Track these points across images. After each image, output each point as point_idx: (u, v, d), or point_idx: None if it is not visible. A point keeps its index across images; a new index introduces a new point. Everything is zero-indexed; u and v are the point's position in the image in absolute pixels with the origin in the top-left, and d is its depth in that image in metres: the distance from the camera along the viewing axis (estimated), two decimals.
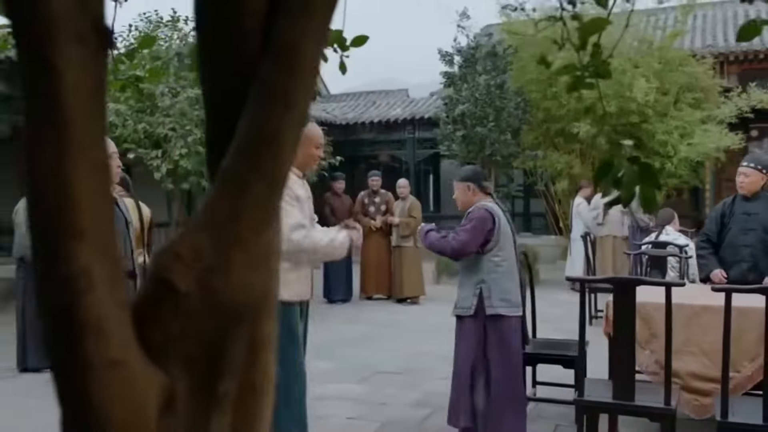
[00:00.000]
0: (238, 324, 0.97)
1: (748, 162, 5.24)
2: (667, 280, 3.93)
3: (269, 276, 1.02)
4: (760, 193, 5.17)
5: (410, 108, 18.30)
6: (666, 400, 3.68)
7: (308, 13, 1.00)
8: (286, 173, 1.04)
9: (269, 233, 0.99)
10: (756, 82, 12.85)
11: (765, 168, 5.21)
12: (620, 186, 1.99)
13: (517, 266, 4.44)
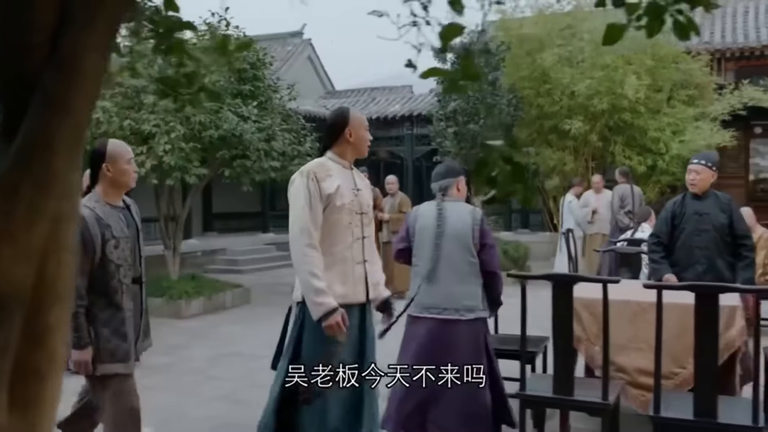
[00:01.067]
0: (3, 312, 1.05)
1: (699, 159, 5.24)
2: (605, 277, 3.98)
3: (47, 268, 1.10)
4: (710, 192, 5.19)
5: (409, 104, 18.39)
6: (604, 395, 3.75)
7: (92, 27, 1.08)
8: (66, 176, 1.13)
9: (43, 229, 1.08)
10: (750, 79, 12.82)
11: (714, 165, 5.24)
12: (495, 184, 2.07)
13: (442, 267, 4.22)
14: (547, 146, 13.12)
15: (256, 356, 7.02)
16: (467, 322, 4.17)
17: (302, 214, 3.31)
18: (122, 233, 3.41)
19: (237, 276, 13.28)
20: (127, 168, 3.47)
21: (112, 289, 3.34)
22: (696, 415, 3.48)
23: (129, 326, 3.43)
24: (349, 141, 3.47)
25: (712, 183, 5.23)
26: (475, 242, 4.23)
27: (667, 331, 4.14)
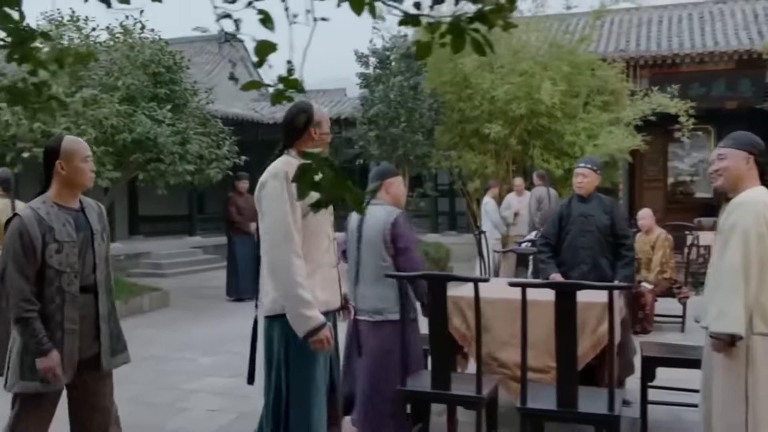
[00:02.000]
0: None
1: (585, 163, 5.51)
2: (479, 276, 4.17)
3: None
4: (594, 194, 5.47)
5: (337, 108, 18.52)
6: (477, 389, 3.93)
7: None
8: None
9: None
10: (659, 86, 13.31)
11: (598, 168, 5.54)
12: (320, 189, 2.21)
13: (362, 270, 4.45)
14: (469, 150, 13.36)
15: (168, 359, 7.07)
16: (374, 324, 4.37)
17: (284, 219, 3.05)
18: (67, 237, 3.14)
19: (160, 279, 13.20)
20: (82, 166, 3.23)
21: (47, 297, 3.08)
22: (559, 406, 3.68)
23: (66, 340, 3.13)
24: (313, 138, 3.26)
25: (597, 186, 5.52)
26: (388, 246, 4.38)
27: (543, 328, 4.37)
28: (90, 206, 3.36)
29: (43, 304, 3.08)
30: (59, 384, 3.13)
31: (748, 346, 3.26)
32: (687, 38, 16.13)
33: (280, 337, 3.17)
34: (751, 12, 17.12)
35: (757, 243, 3.23)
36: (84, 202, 3.34)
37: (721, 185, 3.54)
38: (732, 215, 3.35)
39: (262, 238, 3.16)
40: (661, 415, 4.98)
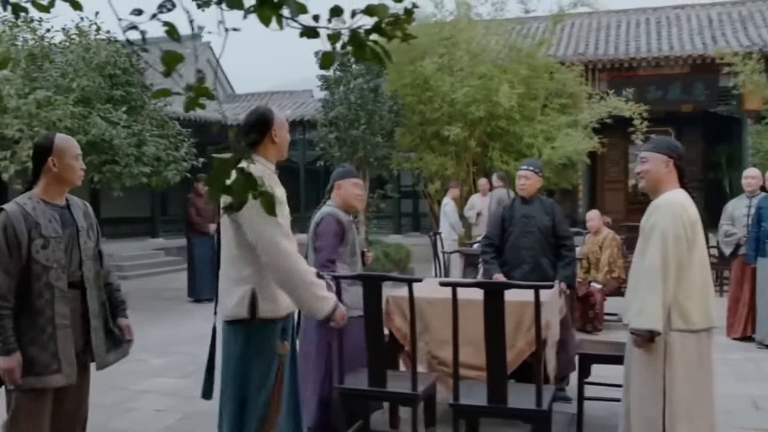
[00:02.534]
0: None
1: (527, 166, 5.66)
2: (411, 276, 4.28)
3: None
4: (536, 196, 5.61)
5: (301, 110, 18.58)
6: (413, 387, 4.03)
7: None
8: None
9: None
10: (615, 90, 13.55)
11: (540, 171, 5.69)
12: (232, 193, 2.29)
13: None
14: (430, 151, 13.50)
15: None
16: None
17: (276, 222, 3.01)
18: (53, 233, 3.14)
19: (122, 281, 13.01)
20: (74, 164, 3.25)
21: (36, 293, 3.07)
22: (489, 402, 3.80)
23: (59, 335, 3.13)
24: (274, 142, 3.28)
25: (539, 188, 5.67)
26: (315, 244, 4.54)
27: (481, 326, 4.47)
28: (76, 204, 3.36)
29: (32, 300, 3.07)
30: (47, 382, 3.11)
31: (667, 341, 3.40)
32: (644, 42, 16.43)
33: (244, 343, 3.18)
34: (706, 17, 17.48)
35: (674, 244, 3.37)
36: (70, 200, 3.34)
37: (643, 187, 3.69)
38: (652, 217, 3.49)
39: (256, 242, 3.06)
40: (597, 410, 5.12)
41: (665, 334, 3.39)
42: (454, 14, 13.97)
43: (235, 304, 3.14)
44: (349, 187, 4.71)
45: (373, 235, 14.76)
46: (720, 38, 15.91)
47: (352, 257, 4.64)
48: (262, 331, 3.18)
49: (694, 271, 3.42)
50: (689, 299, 3.40)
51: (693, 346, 3.42)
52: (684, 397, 3.40)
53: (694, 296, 3.41)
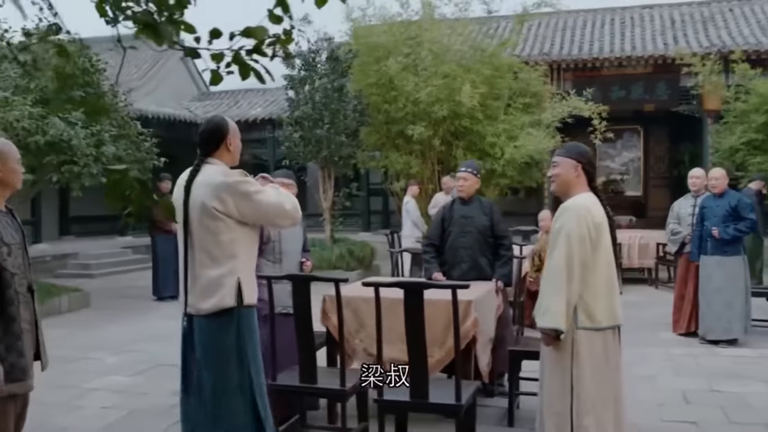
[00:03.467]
0: None
1: (466, 167, 5.83)
2: (337, 276, 4.42)
3: None
4: (475, 197, 5.78)
5: (270, 108, 18.67)
6: (341, 383, 4.19)
7: None
8: None
9: None
10: (575, 90, 13.77)
11: (478, 172, 5.86)
12: (131, 202, 2.42)
13: None
14: (395, 150, 13.63)
15: (74, 359, 7.18)
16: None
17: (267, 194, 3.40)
18: (12, 239, 3.16)
19: (87, 280, 13.20)
20: (17, 168, 3.23)
21: (8, 299, 3.07)
22: (411, 397, 3.96)
23: (26, 340, 3.15)
24: (228, 150, 3.47)
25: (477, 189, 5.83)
26: None
27: None
28: (10, 208, 3.34)
29: (5, 307, 3.07)
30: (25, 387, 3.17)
31: (574, 339, 3.57)
32: (608, 42, 16.68)
33: (237, 330, 3.32)
34: (669, 18, 17.77)
35: (579, 245, 3.53)
36: (8, 204, 3.32)
37: (554, 190, 3.86)
38: (559, 219, 3.65)
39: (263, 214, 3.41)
40: (533, 405, 5.29)
41: (572, 333, 3.55)
42: (419, 14, 14.11)
43: (221, 296, 3.29)
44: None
45: (339, 233, 14.91)
46: (682, 39, 16.19)
47: (275, 255, 4.79)
48: (251, 315, 3.41)
49: (599, 271, 3.58)
50: (595, 299, 3.56)
51: (599, 343, 3.58)
52: (590, 392, 3.56)
53: (599, 296, 3.58)
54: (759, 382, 6.08)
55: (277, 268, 4.77)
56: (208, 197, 3.30)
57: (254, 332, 3.41)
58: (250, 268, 3.47)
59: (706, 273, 7.60)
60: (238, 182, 3.33)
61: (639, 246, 12.03)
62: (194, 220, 3.33)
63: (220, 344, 3.33)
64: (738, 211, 7.43)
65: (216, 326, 3.33)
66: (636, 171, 20.84)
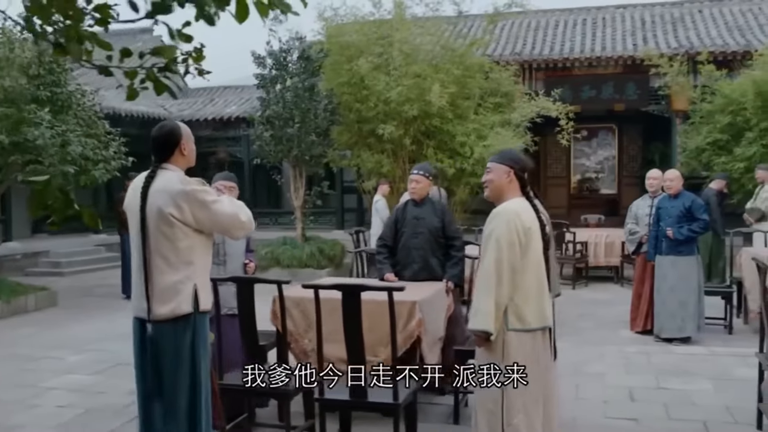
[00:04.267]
0: None
1: (418, 170, 5.93)
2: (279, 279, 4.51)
3: None
4: (427, 198, 5.90)
5: (245, 106, 18.71)
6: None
7: None
8: None
9: None
10: (544, 90, 13.93)
11: (431, 175, 5.98)
12: (54, 210, 2.51)
13: None
14: (367, 149, 13.70)
15: (35, 358, 7.23)
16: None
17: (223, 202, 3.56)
18: None
19: (57, 278, 13.22)
20: None
21: None
22: (351, 396, 4.07)
23: None
24: (183, 154, 3.55)
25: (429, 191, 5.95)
26: None
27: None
28: None
29: None
30: None
31: (504, 341, 3.69)
32: (579, 43, 16.84)
33: (192, 335, 3.43)
34: (640, 19, 17.97)
35: (508, 250, 3.65)
36: None
37: (487, 195, 3.97)
38: (490, 224, 3.77)
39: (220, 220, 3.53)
40: None
41: (503, 334, 3.67)
42: (391, 14, 14.18)
43: (178, 303, 3.39)
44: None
45: (312, 231, 14.99)
46: (651, 40, 16.38)
47: (218, 257, 4.90)
48: (205, 320, 3.53)
49: (529, 274, 3.70)
50: (524, 301, 3.68)
51: (528, 344, 3.71)
52: (520, 391, 3.68)
53: (529, 298, 3.70)
54: (705, 380, 6.24)
55: (221, 270, 4.86)
56: (165, 204, 3.38)
57: (206, 338, 3.55)
58: (206, 275, 3.59)
59: (661, 272, 7.76)
60: (196, 191, 3.41)
61: (605, 244, 12.21)
62: (151, 226, 3.41)
63: (176, 348, 3.43)
64: (692, 211, 7.59)
65: (172, 331, 3.42)
66: (611, 169, 21.04)
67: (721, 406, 5.48)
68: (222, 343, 4.41)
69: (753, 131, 12.36)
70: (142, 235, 3.44)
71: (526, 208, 3.80)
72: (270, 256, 13.36)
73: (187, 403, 3.45)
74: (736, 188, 12.50)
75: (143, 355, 3.50)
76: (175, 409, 3.42)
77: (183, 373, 3.43)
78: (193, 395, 3.45)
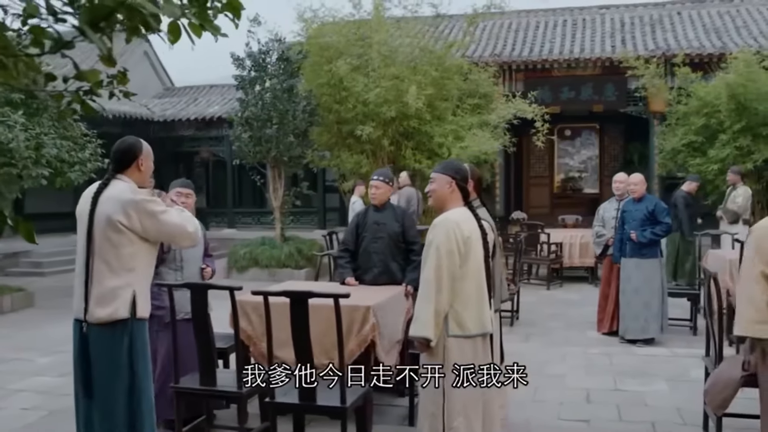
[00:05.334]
0: None
1: (378, 176, 6.03)
2: (232, 285, 4.62)
3: None
4: (388, 204, 6.01)
5: (227, 106, 18.77)
6: (239, 385, 4.40)
7: None
8: None
9: None
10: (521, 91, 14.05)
11: (391, 180, 6.10)
12: None
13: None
14: (347, 150, 13.80)
15: (4, 360, 7.30)
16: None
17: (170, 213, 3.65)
18: None
19: (38, 278, 13.27)
20: None
21: None
22: (300, 400, 4.18)
23: None
24: (139, 170, 3.67)
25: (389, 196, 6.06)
26: None
27: (317, 328, 4.87)
28: None
29: None
30: None
31: (445, 346, 3.80)
32: (558, 44, 16.97)
33: (129, 340, 3.52)
34: (619, 20, 18.11)
35: (447, 258, 3.76)
36: None
37: (431, 205, 4.09)
38: (431, 233, 3.88)
39: (169, 232, 3.66)
40: None
41: (443, 340, 3.79)
42: (371, 15, 14.27)
43: (116, 308, 3.47)
44: (171, 196, 5.04)
45: (293, 231, 15.09)
46: (629, 41, 16.52)
47: (176, 263, 5.00)
48: (143, 327, 3.61)
49: (468, 282, 3.81)
50: (464, 308, 3.80)
51: (469, 350, 3.82)
52: (460, 394, 3.80)
53: (469, 306, 3.81)
54: (662, 381, 6.37)
55: (179, 276, 4.96)
56: (114, 211, 3.49)
57: (145, 344, 3.61)
58: (147, 283, 3.69)
59: (625, 274, 7.90)
60: (146, 201, 3.54)
61: (580, 245, 12.34)
62: (98, 232, 3.51)
63: (112, 352, 3.52)
64: (655, 215, 7.72)
65: (109, 335, 3.51)
66: (594, 169, 21.22)
67: (672, 407, 5.61)
68: (178, 347, 4.51)
69: (726, 133, 12.51)
70: (87, 240, 3.55)
71: (467, 217, 3.91)
72: (249, 256, 13.46)
73: (126, 408, 3.53)
74: (710, 189, 12.68)
75: (80, 357, 3.59)
76: (112, 411, 3.50)
77: (119, 377, 3.51)
78: (130, 400, 3.53)
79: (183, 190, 5.12)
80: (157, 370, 4.79)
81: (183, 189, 5.14)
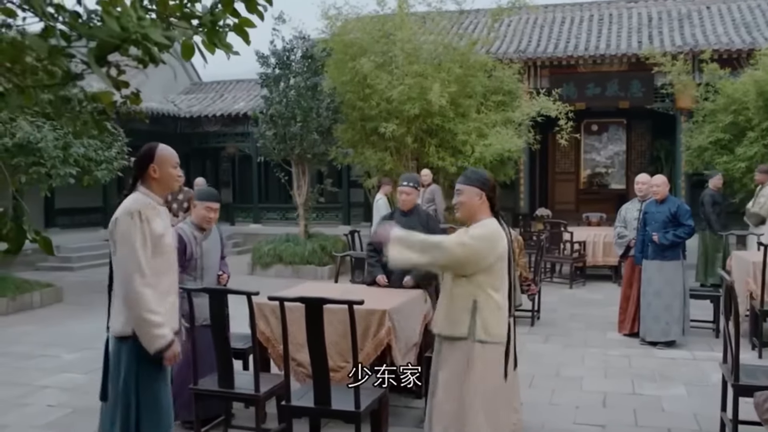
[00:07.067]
0: None
1: (407, 182, 6.08)
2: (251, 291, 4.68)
3: None
4: (414, 208, 6.08)
5: (253, 102, 18.91)
6: (255, 388, 4.48)
7: None
8: None
9: None
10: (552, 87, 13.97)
11: (418, 185, 6.17)
12: (8, 240, 2.69)
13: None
14: (371, 147, 13.86)
15: (32, 356, 7.46)
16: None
17: (134, 255, 3.35)
18: None
19: (67, 273, 13.51)
20: None
21: None
22: (315, 404, 4.25)
23: None
24: (153, 177, 3.53)
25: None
26: None
27: (333, 331, 4.96)
28: None
29: None
30: None
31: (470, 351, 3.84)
32: (584, 40, 16.85)
33: (130, 358, 3.48)
34: (647, 16, 17.92)
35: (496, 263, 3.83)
36: None
37: (460, 217, 4.08)
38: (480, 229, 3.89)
39: (115, 271, 3.47)
40: None
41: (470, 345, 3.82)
42: (395, 12, 14.27)
43: (124, 324, 3.44)
44: (201, 210, 5.14)
45: (318, 227, 15.19)
46: (657, 37, 16.36)
47: (196, 271, 5.09)
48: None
49: (501, 293, 3.86)
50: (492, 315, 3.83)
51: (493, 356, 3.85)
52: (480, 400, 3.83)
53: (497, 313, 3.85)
54: (681, 385, 6.34)
55: (198, 284, 5.04)
56: (111, 224, 3.51)
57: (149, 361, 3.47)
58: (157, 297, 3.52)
59: (646, 276, 7.86)
60: (120, 225, 3.41)
61: (603, 244, 12.28)
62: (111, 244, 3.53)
63: (118, 364, 3.54)
64: (678, 217, 7.67)
65: (119, 348, 3.53)
66: (621, 164, 21.07)
67: (690, 413, 5.59)
68: (197, 350, 4.61)
69: (755, 131, 12.37)
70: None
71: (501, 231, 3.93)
72: (272, 252, 13.58)
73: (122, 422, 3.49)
74: (738, 187, 12.55)
75: (104, 360, 3.71)
76: (113, 422, 3.54)
77: (120, 390, 3.50)
78: (126, 416, 3.48)
79: (213, 205, 5.18)
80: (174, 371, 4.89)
81: (213, 204, 5.19)
